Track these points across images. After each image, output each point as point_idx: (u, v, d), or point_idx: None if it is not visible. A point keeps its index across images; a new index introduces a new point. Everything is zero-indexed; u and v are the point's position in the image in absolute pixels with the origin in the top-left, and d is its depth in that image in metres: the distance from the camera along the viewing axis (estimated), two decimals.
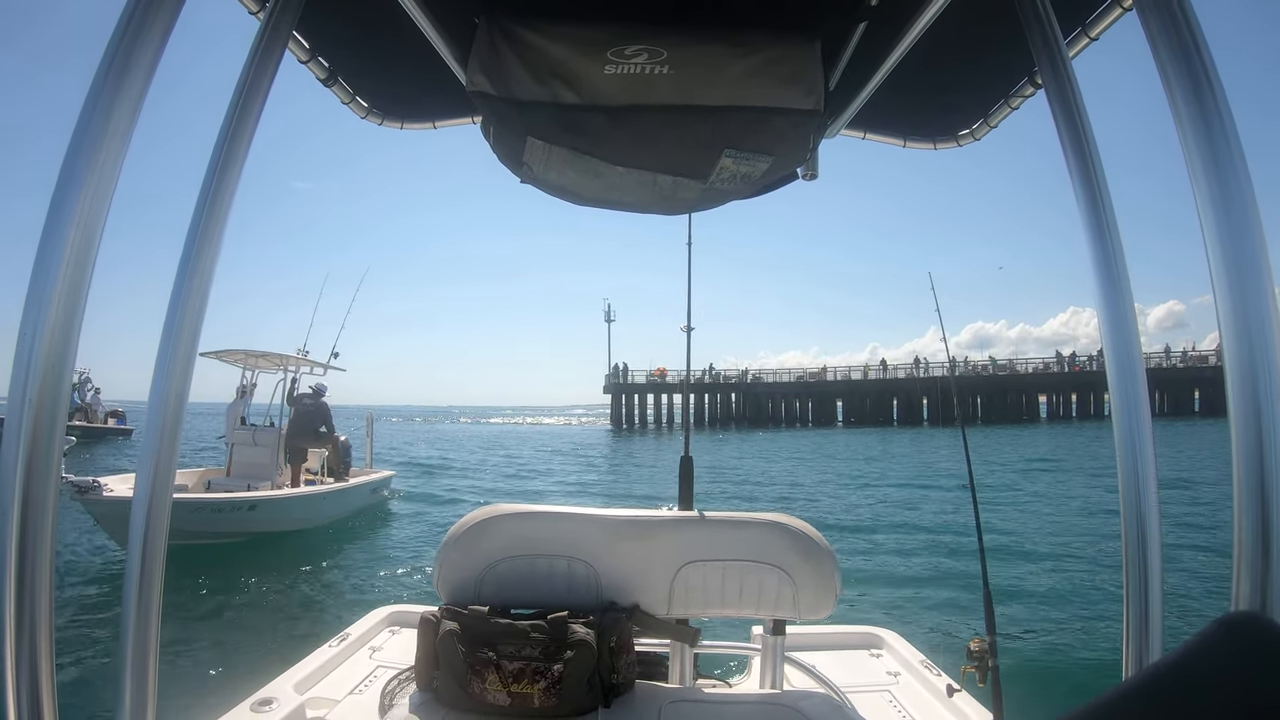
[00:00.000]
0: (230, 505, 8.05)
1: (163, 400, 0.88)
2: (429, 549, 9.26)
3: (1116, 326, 0.91)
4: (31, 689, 0.73)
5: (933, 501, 12.89)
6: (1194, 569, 7.51)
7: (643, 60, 1.27)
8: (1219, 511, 10.75)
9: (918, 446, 26.69)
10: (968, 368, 48.33)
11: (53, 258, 0.75)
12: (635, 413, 49.42)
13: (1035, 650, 5.56)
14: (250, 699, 1.80)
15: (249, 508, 8.22)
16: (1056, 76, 1.02)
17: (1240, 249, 0.75)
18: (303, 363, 10.71)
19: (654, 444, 32.56)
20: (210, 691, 4.23)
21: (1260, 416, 0.73)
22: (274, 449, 9.77)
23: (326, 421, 10.07)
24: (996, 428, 36.89)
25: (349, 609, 6.35)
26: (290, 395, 10.37)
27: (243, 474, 9.64)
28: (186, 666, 4.87)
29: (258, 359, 10.50)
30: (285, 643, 5.37)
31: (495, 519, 1.82)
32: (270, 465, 9.71)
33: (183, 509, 7.56)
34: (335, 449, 10.47)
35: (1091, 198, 0.94)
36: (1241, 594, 0.73)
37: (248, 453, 9.80)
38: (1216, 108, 0.77)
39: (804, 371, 53.23)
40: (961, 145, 1.89)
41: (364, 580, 7.65)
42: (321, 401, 10.09)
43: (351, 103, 1.72)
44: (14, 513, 0.73)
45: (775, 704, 1.71)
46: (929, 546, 9.00)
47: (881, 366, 50.11)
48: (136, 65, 0.81)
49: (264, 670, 2.04)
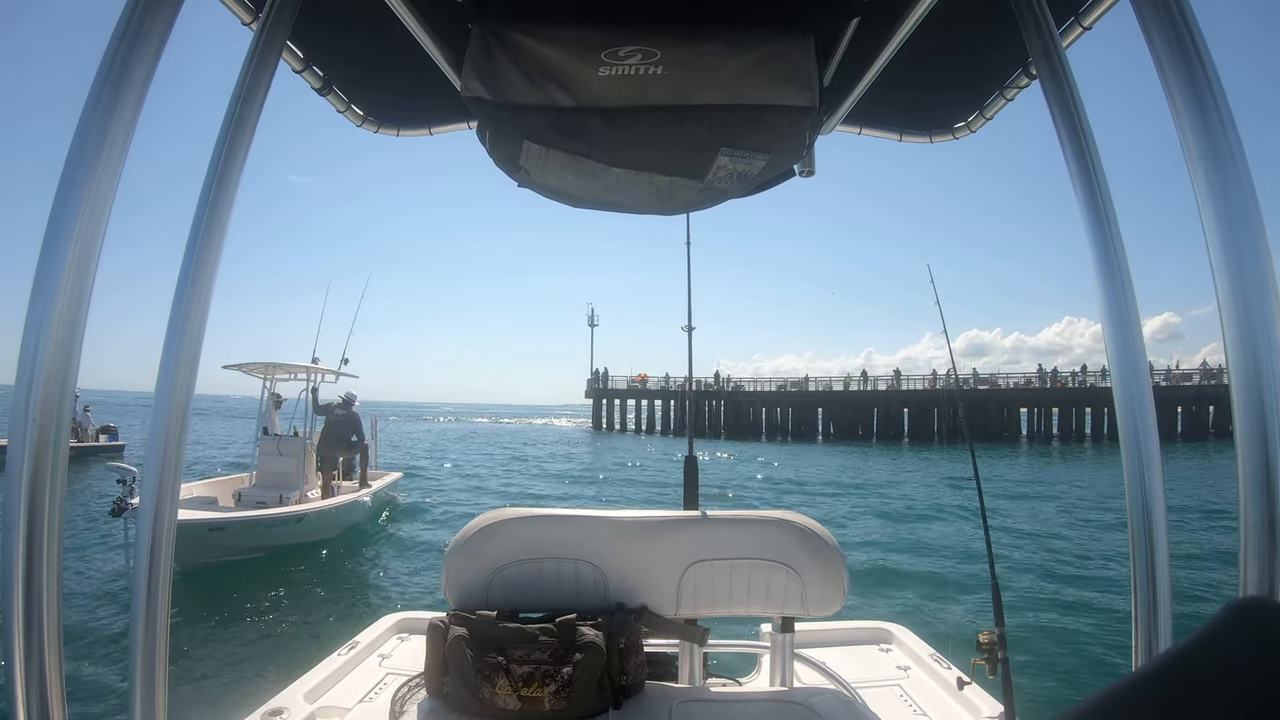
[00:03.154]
0: (281, 520, 8.35)
1: (167, 409, 0.88)
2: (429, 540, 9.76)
3: (1118, 316, 0.91)
4: (41, 702, 0.74)
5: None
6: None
7: (637, 61, 1.27)
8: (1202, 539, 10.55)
9: (898, 465, 25.65)
10: (949, 380, 47.32)
11: (53, 275, 0.75)
12: (615, 417, 50.15)
13: (1045, 641, 5.56)
14: (261, 709, 1.80)
15: (296, 520, 8.54)
16: (1051, 67, 1.02)
17: (1240, 237, 0.74)
18: (317, 371, 10.96)
19: (617, 440, 33.28)
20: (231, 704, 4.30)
21: (1264, 402, 0.73)
22: (300, 458, 9.99)
23: (358, 430, 10.40)
24: (977, 446, 35.01)
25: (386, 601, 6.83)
26: (316, 405, 10.64)
27: (269, 484, 9.84)
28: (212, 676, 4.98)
29: (277, 369, 10.72)
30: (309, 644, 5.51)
31: (501, 523, 1.82)
32: (296, 474, 9.91)
33: (241, 526, 7.88)
34: (364, 456, 10.84)
35: (1089, 189, 0.94)
36: (1249, 579, 0.73)
37: (273, 462, 9.99)
38: (1212, 95, 0.77)
39: (785, 381, 53.30)
40: (958, 138, 1.89)
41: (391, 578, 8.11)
42: (353, 411, 10.38)
43: (347, 111, 1.72)
44: (20, 527, 0.73)
45: (786, 701, 1.70)
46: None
47: (862, 378, 50.08)
48: (131, 78, 0.81)
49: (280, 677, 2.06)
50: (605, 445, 34.60)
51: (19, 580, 0.73)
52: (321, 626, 6.36)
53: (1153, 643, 0.84)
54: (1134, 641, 0.85)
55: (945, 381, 45.90)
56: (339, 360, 11.49)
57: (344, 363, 11.46)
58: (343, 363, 11.45)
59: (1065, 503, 15.14)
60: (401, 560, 9.13)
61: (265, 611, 6.70)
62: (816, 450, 35.69)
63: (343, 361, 11.47)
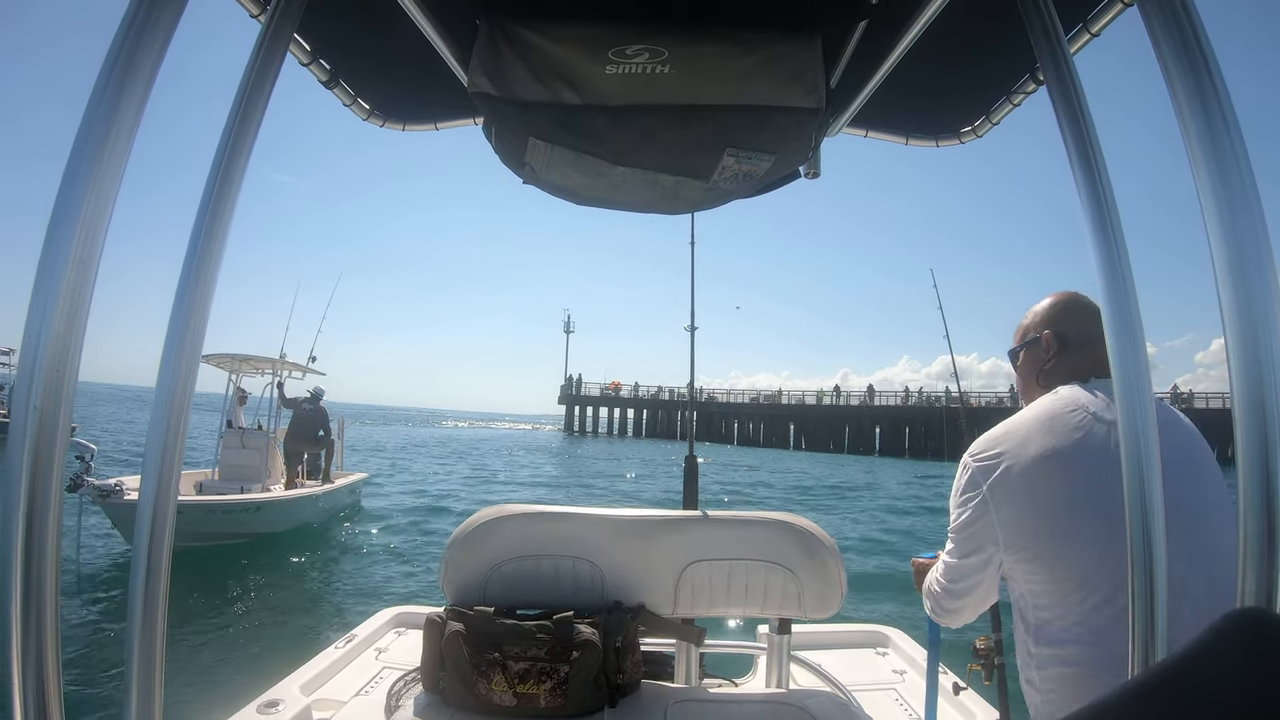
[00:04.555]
0: (239, 507, 8.30)
1: (168, 400, 0.88)
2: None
3: (1119, 321, 0.90)
4: (38, 694, 0.74)
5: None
6: None
7: (644, 60, 1.27)
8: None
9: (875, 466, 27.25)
10: (922, 399, 48.83)
11: (56, 265, 0.75)
12: (588, 423, 50.86)
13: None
14: (257, 700, 1.81)
15: (254, 509, 8.47)
16: (1058, 72, 1.01)
17: (1244, 244, 0.74)
18: (284, 366, 10.91)
19: (589, 444, 33.65)
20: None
21: (1265, 409, 0.72)
22: (264, 452, 9.95)
23: (325, 425, 10.39)
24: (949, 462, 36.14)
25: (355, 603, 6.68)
26: (284, 399, 10.59)
27: (232, 477, 9.77)
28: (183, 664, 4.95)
29: (243, 363, 10.65)
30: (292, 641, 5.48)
31: (501, 519, 1.83)
32: (260, 467, 9.87)
33: (197, 510, 7.83)
34: (330, 452, 10.81)
35: (1095, 196, 0.94)
36: (1247, 590, 0.73)
37: (236, 455, 9.94)
38: (1219, 102, 0.77)
39: (758, 393, 53.81)
40: (964, 142, 1.88)
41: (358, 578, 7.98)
42: (320, 406, 10.38)
43: (353, 105, 1.72)
44: (19, 516, 0.73)
45: (782, 703, 1.70)
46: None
47: (835, 393, 50.40)
48: (138, 70, 0.81)
49: (270, 670, 2.06)
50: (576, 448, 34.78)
51: (17, 564, 0.73)
52: (274, 617, 6.33)
53: (1149, 652, 0.84)
54: (1130, 651, 0.85)
55: (918, 399, 47.22)
56: (306, 358, 11.38)
57: (311, 360, 11.36)
58: (310, 360, 11.35)
59: None
60: (354, 558, 9.05)
61: (223, 603, 6.61)
62: (787, 456, 36.86)
63: (310, 359, 11.36)
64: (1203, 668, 0.41)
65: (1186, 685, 0.41)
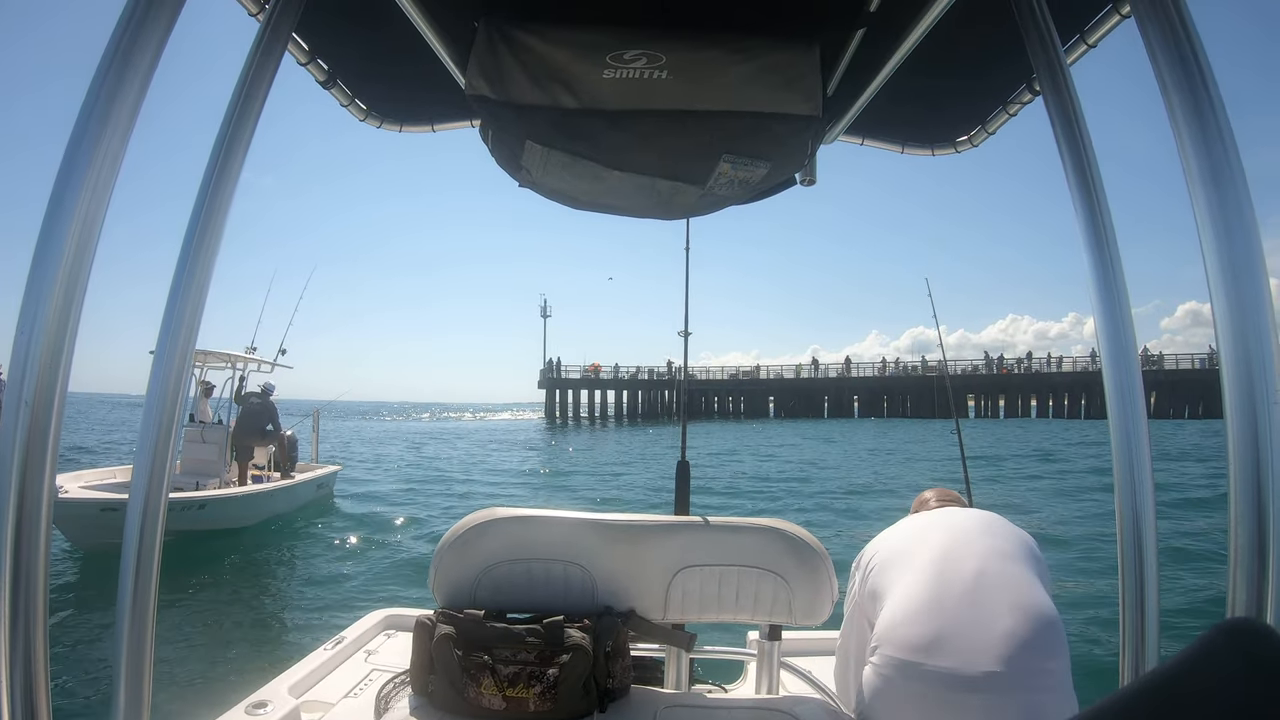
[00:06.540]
0: (183, 505, 8.15)
1: (159, 398, 0.87)
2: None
3: (1113, 331, 0.91)
4: (26, 689, 0.73)
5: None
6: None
7: (641, 65, 1.27)
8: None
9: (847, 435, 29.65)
10: (899, 369, 50.84)
11: (50, 262, 0.75)
12: (569, 408, 50.63)
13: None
14: (245, 702, 1.79)
15: (199, 507, 8.35)
16: (1055, 83, 1.02)
17: (1237, 255, 0.75)
18: (251, 360, 10.79)
19: (572, 436, 34.18)
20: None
21: (1256, 423, 0.73)
22: (222, 446, 9.84)
23: (273, 419, 10.18)
24: (928, 420, 39.90)
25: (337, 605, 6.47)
26: (238, 393, 10.45)
27: (191, 471, 9.65)
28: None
29: (206, 356, 10.50)
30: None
31: (492, 523, 1.82)
32: (218, 462, 9.76)
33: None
34: (282, 446, 10.58)
35: (1089, 204, 0.95)
36: (1237, 600, 0.73)
37: (196, 450, 9.83)
38: (1214, 114, 0.78)
39: (737, 370, 54.98)
40: (960, 151, 1.90)
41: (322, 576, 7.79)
42: (268, 400, 10.20)
43: (350, 105, 1.72)
44: (9, 512, 0.72)
45: (771, 710, 1.70)
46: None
47: (813, 365, 51.93)
48: (135, 66, 0.81)
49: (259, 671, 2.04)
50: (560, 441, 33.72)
51: (7, 560, 0.73)
52: (217, 615, 6.23)
53: (1139, 660, 0.84)
54: (1121, 658, 0.86)
55: (895, 369, 50.38)
56: (276, 351, 11.22)
57: (281, 353, 11.21)
58: (280, 353, 11.19)
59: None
60: (319, 550, 8.86)
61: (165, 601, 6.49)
62: (771, 426, 38.73)
63: (280, 352, 11.20)
64: (1194, 677, 0.41)
65: (1177, 693, 0.41)
